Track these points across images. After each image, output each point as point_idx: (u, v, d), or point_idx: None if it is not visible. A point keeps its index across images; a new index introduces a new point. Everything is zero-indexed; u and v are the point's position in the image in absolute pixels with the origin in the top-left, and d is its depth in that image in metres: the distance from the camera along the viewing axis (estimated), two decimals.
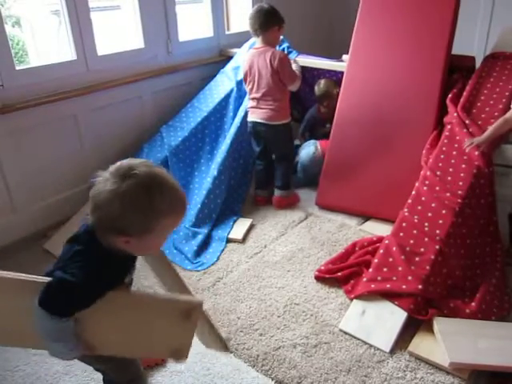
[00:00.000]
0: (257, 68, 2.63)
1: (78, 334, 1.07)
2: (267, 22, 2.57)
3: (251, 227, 2.61)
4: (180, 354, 1.19)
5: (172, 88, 3.19)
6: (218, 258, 2.34)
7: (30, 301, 1.00)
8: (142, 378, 1.38)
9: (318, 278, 2.14)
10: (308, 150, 3.02)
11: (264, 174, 2.89)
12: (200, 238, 2.45)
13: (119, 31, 3.06)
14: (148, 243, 1.08)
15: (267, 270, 2.24)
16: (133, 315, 1.15)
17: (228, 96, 3.08)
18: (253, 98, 2.72)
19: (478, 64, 2.65)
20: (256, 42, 2.71)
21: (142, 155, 2.83)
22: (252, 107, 2.73)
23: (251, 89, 2.71)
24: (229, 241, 2.49)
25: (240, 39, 3.51)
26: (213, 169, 2.75)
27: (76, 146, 2.72)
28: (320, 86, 3.17)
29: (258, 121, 2.70)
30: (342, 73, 2.91)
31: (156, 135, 2.96)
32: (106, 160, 2.98)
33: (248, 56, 2.71)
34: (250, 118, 2.76)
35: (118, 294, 1.12)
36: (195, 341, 1.83)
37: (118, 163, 1.05)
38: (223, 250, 2.42)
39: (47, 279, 1.02)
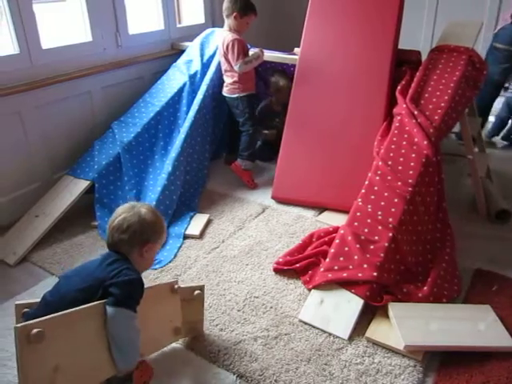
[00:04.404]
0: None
1: None
2: (227, 8, 2.83)
3: (208, 222, 2.59)
4: (178, 331, 1.64)
5: (123, 83, 3.11)
6: (175, 255, 2.31)
7: (102, 323, 1.32)
8: None
9: (277, 270, 2.16)
10: None
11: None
12: None
13: (65, 24, 2.94)
14: (152, 254, 1.56)
15: (226, 264, 2.23)
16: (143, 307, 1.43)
17: (181, 90, 3.04)
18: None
19: (423, 58, 2.74)
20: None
21: (93, 152, 2.74)
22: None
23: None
24: (186, 237, 2.45)
25: (192, 32, 3.47)
26: (167, 164, 2.70)
27: (22, 145, 2.60)
28: (271, 78, 3.27)
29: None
30: (294, 66, 2.93)
31: (107, 132, 2.87)
32: (55, 158, 2.91)
33: (218, 36, 3.04)
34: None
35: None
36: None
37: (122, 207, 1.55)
38: (180, 246, 2.38)
39: (100, 302, 1.32)
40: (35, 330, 1.17)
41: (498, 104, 3.59)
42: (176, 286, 1.65)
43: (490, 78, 3.08)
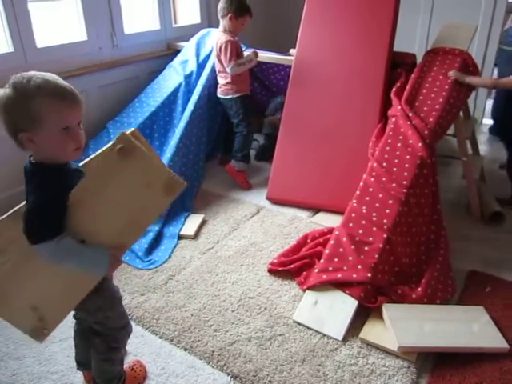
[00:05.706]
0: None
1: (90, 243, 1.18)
2: (222, 8, 2.80)
3: (203, 223, 2.59)
4: (170, 186, 1.26)
5: (118, 82, 3.10)
6: (169, 256, 2.31)
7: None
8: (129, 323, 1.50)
9: (271, 271, 2.16)
10: None
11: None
12: (151, 235, 2.39)
13: (60, 23, 2.93)
14: (50, 140, 1.11)
15: (220, 265, 2.23)
16: (112, 187, 1.20)
17: (176, 90, 3.04)
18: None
19: (418, 61, 2.75)
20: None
21: (88, 152, 2.72)
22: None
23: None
24: (181, 237, 2.45)
25: (188, 32, 3.46)
26: None
27: (14, 145, 2.57)
28: None
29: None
30: (289, 67, 2.94)
31: (103, 131, 2.86)
32: None
33: (213, 37, 3.01)
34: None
35: (84, 184, 1.17)
36: (147, 342, 1.80)
37: None
38: (175, 246, 2.38)
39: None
40: None
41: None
42: (118, 146, 1.19)
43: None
